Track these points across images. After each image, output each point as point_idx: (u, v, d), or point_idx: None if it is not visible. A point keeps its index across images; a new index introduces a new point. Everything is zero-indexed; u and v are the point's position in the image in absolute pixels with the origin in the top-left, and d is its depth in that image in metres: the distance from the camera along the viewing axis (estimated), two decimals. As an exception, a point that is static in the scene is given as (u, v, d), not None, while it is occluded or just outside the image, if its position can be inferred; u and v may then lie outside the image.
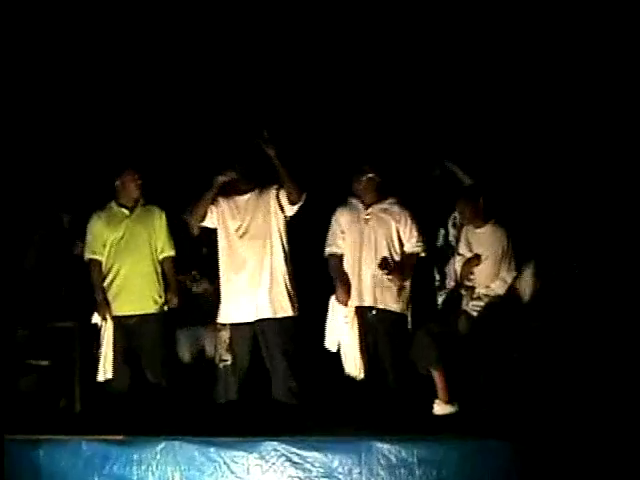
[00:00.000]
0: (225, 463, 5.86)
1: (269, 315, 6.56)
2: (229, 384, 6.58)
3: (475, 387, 6.67)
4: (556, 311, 6.98)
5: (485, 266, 6.92)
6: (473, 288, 6.92)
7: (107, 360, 6.69)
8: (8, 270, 7.45)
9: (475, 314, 6.87)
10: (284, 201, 6.61)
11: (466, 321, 6.82)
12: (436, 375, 6.65)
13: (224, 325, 6.64)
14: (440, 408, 6.65)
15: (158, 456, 5.91)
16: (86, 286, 7.03)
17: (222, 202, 6.70)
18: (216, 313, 6.72)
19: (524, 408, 6.42)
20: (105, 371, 6.71)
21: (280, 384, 6.52)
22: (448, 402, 6.63)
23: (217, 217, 6.71)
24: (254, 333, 6.60)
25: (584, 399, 6.41)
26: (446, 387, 6.63)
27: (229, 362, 6.58)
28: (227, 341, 6.59)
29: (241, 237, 6.63)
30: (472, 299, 6.92)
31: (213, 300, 6.85)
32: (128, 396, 6.68)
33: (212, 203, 6.69)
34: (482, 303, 6.89)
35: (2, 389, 6.94)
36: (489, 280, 6.91)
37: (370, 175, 6.84)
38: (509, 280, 6.91)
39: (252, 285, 6.58)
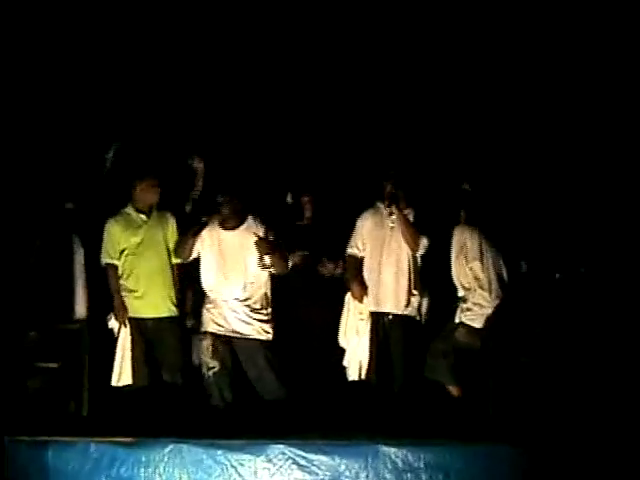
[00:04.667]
0: (232, 466, 5.88)
1: (243, 334, 6.64)
2: (222, 387, 6.61)
3: (483, 392, 6.69)
4: (562, 314, 7.00)
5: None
6: (465, 299, 6.87)
7: (123, 365, 6.71)
8: (16, 272, 7.46)
9: (472, 324, 6.83)
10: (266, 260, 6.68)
11: (466, 332, 6.79)
12: (453, 390, 6.68)
13: (204, 333, 6.69)
14: None
15: (166, 458, 5.93)
16: (95, 287, 7.08)
17: (204, 234, 6.74)
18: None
19: (531, 413, 6.44)
20: (120, 377, 6.72)
21: (261, 388, 6.60)
22: None
23: (201, 248, 6.75)
24: (229, 341, 6.67)
25: (592, 404, 6.42)
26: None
27: (217, 368, 6.61)
28: (210, 348, 6.63)
29: (221, 265, 6.69)
30: (463, 311, 6.88)
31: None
32: (140, 397, 6.69)
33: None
34: (475, 311, 6.85)
35: (11, 391, 6.95)
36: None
37: (396, 179, 6.86)
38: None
39: (229, 304, 6.66)
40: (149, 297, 6.83)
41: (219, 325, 6.67)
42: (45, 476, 5.97)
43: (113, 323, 6.83)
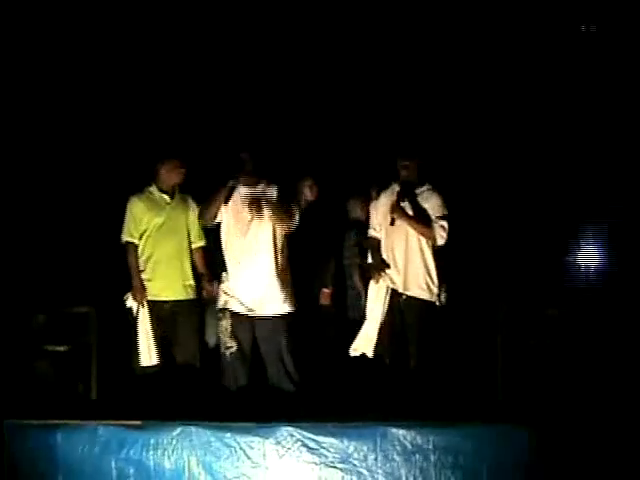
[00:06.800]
0: (241, 448, 5.87)
1: (263, 312, 6.58)
2: (237, 370, 6.58)
3: (492, 373, 6.69)
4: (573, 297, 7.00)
5: None
6: None
7: (148, 345, 6.66)
8: (26, 256, 7.49)
9: None
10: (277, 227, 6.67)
11: None
12: None
13: (224, 312, 6.65)
14: None
15: (174, 441, 5.92)
16: (104, 271, 7.09)
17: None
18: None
19: (540, 394, 6.43)
20: (147, 357, 6.67)
21: (275, 371, 6.56)
22: None
23: (224, 210, 6.70)
24: (252, 320, 6.62)
25: (601, 386, 6.41)
26: None
27: (234, 348, 6.59)
28: (229, 328, 6.61)
29: (243, 229, 6.63)
30: None
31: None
32: (152, 380, 6.69)
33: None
34: None
35: (20, 374, 6.97)
36: None
37: (409, 161, 6.82)
38: None
39: (250, 278, 6.60)
40: (167, 279, 6.79)
41: (240, 303, 6.61)
42: (53, 459, 5.97)
43: (131, 302, 6.78)
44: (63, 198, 7.72)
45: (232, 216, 6.65)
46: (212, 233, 6.79)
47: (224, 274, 6.69)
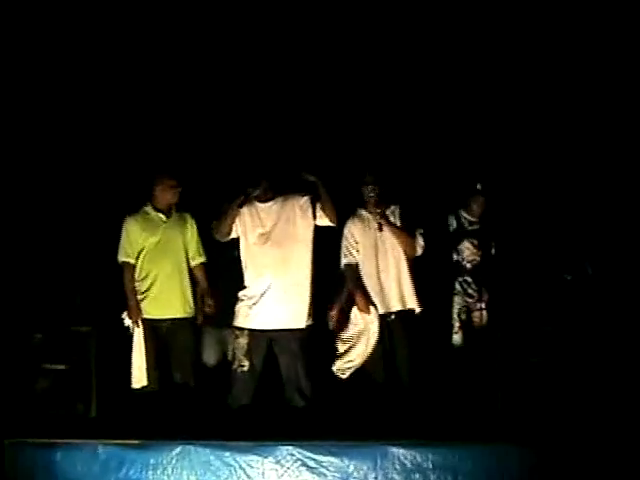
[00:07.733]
0: (241, 467, 5.87)
1: (285, 325, 6.58)
2: (245, 389, 6.58)
3: (491, 392, 6.69)
4: (570, 314, 7.00)
5: None
6: None
7: (140, 368, 6.68)
8: (25, 274, 7.49)
9: None
10: (319, 213, 6.65)
11: None
12: None
13: (242, 330, 6.64)
14: None
15: (174, 460, 5.93)
16: (103, 290, 7.09)
17: (244, 211, 6.72)
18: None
19: (540, 413, 6.42)
20: (139, 379, 6.69)
21: (290, 386, 6.55)
22: None
23: (240, 226, 6.73)
24: (269, 340, 6.62)
25: (600, 404, 6.41)
26: None
27: (246, 368, 6.59)
28: (245, 347, 6.60)
29: (263, 244, 6.65)
30: None
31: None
32: (149, 399, 6.68)
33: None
34: None
35: (19, 393, 6.97)
36: None
37: (374, 184, 6.85)
38: None
39: (271, 293, 6.60)
40: (165, 298, 6.80)
41: (260, 321, 6.60)
42: (53, 478, 5.97)
43: (128, 321, 6.80)
44: (63, 217, 7.72)
45: (256, 234, 6.67)
46: (229, 250, 6.80)
47: (242, 293, 6.70)
